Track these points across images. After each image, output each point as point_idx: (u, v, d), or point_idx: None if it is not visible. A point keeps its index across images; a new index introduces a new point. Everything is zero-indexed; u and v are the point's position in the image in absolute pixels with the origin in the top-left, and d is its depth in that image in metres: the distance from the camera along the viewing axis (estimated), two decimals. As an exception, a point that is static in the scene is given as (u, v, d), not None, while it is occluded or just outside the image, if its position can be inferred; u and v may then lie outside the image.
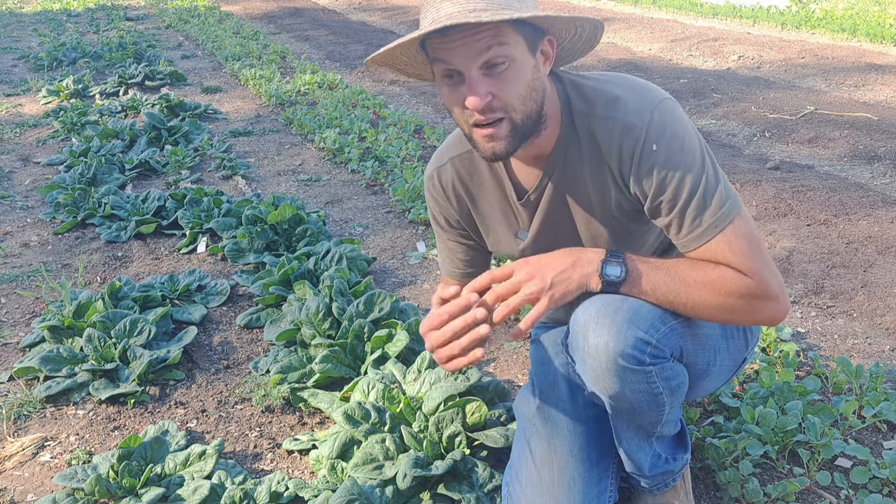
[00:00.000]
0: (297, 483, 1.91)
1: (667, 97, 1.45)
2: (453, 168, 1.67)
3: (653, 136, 1.40)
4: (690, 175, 1.40)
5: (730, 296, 1.42)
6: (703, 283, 1.42)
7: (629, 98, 1.44)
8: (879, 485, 1.88)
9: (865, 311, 2.80)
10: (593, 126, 1.46)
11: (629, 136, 1.42)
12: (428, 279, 3.21)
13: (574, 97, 1.49)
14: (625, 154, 1.43)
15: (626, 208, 1.52)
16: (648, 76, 6.87)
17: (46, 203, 4.21)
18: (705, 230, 1.42)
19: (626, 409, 1.51)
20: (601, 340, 1.41)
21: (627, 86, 1.47)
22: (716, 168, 1.44)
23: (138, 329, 2.63)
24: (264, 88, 6.63)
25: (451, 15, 1.30)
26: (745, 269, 1.41)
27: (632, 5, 11.48)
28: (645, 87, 1.47)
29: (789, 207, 3.72)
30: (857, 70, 6.61)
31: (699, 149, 1.42)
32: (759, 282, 1.42)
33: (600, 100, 1.46)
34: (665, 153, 1.40)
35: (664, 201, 1.43)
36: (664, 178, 1.40)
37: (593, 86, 1.48)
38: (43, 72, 7.97)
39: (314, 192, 4.34)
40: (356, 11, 12.48)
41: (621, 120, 1.43)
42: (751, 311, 1.45)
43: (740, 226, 1.42)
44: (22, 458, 2.19)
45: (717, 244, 1.42)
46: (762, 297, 1.43)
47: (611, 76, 1.51)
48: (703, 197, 1.40)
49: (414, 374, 2.23)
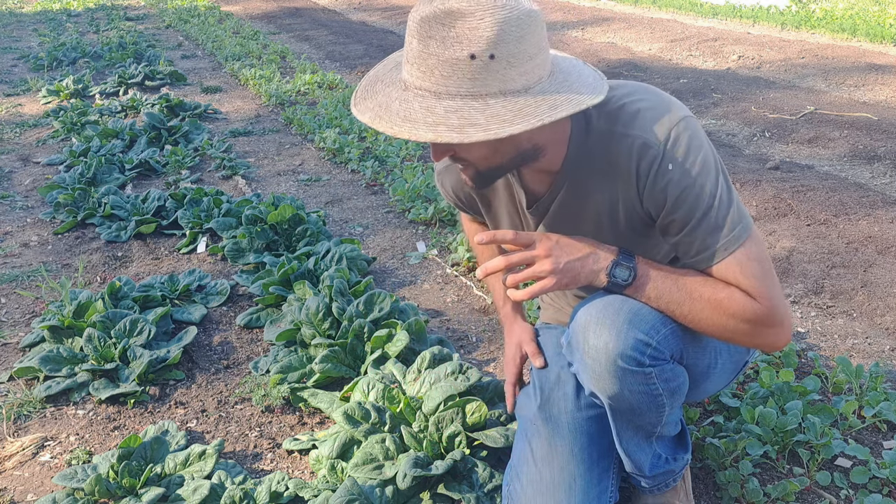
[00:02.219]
0: (297, 483, 1.91)
1: (687, 115, 1.42)
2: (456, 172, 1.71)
3: (670, 154, 1.38)
4: (704, 195, 1.38)
5: (734, 318, 1.41)
6: (710, 301, 1.41)
7: (649, 115, 1.41)
8: (879, 485, 1.88)
9: (865, 311, 2.80)
10: (611, 142, 1.44)
11: (647, 154, 1.40)
12: (428, 279, 3.21)
13: (594, 114, 1.45)
14: (641, 171, 1.41)
15: (637, 224, 1.52)
16: (648, 76, 6.87)
17: (46, 203, 4.21)
18: (716, 251, 1.40)
19: (626, 410, 1.51)
20: (601, 341, 1.41)
21: (648, 100, 1.43)
22: (730, 188, 1.42)
23: (138, 329, 2.63)
24: (264, 88, 6.63)
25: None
26: (754, 292, 1.40)
27: (632, 5, 11.48)
28: (666, 104, 1.43)
29: (789, 207, 3.72)
30: (857, 70, 6.61)
31: (714, 169, 1.40)
32: (768, 307, 1.40)
33: (622, 117, 1.43)
34: (680, 172, 1.38)
35: (676, 220, 1.41)
36: (677, 198, 1.39)
37: (616, 102, 1.44)
38: (43, 72, 7.97)
39: (314, 192, 4.34)
40: (356, 11, 12.48)
41: (640, 137, 1.40)
42: (752, 335, 1.43)
43: (752, 248, 1.40)
44: (22, 458, 2.19)
45: (727, 266, 1.40)
46: (768, 324, 1.42)
47: (632, 88, 1.47)
48: (715, 218, 1.39)
49: (414, 374, 2.22)
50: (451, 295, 3.06)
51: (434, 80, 1.25)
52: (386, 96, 1.31)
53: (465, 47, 1.21)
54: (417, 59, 1.26)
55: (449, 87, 1.24)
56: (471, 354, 2.63)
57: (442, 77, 1.24)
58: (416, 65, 1.26)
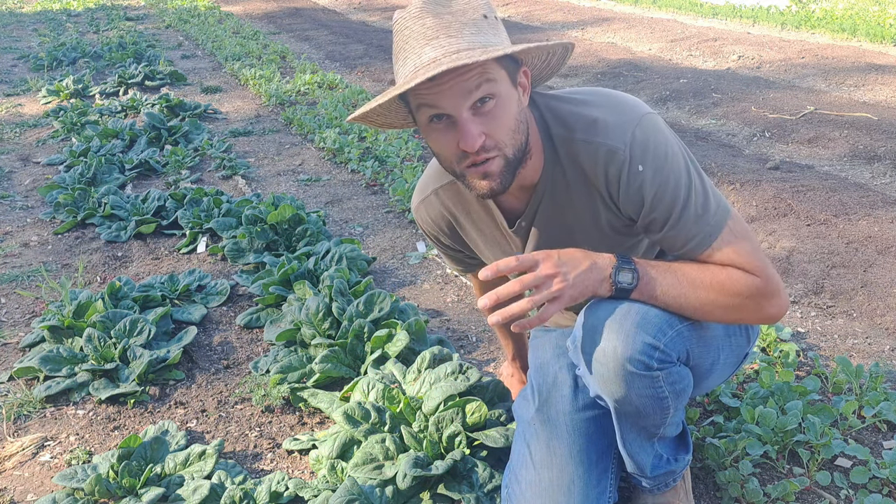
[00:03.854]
0: (297, 483, 1.91)
1: (646, 112, 1.44)
2: (438, 200, 1.70)
3: (637, 156, 1.40)
4: (680, 188, 1.40)
5: (739, 296, 1.43)
6: (712, 285, 1.42)
7: (608, 119, 1.43)
8: (879, 485, 1.88)
9: (865, 311, 2.80)
10: (575, 151, 1.45)
11: (614, 160, 1.41)
12: (428, 279, 3.21)
13: (552, 122, 1.48)
14: (611, 177, 1.43)
15: (618, 226, 1.53)
16: (648, 76, 6.87)
17: (46, 203, 4.21)
18: (703, 239, 1.42)
19: (632, 413, 1.51)
20: (609, 345, 1.41)
21: (604, 104, 1.45)
22: (701, 175, 1.45)
23: (138, 329, 2.63)
24: (264, 88, 6.63)
25: (437, 60, 1.28)
26: (751, 268, 1.43)
27: (632, 5, 11.48)
28: (623, 104, 1.45)
29: (789, 207, 3.72)
30: (857, 70, 6.61)
31: (683, 159, 1.42)
32: (765, 279, 1.43)
33: (579, 124, 1.45)
34: (651, 171, 1.40)
35: (657, 218, 1.43)
36: (654, 196, 1.41)
37: (570, 109, 1.47)
38: (43, 72, 7.97)
39: (314, 192, 4.34)
40: (356, 11, 12.48)
41: (603, 144, 1.42)
42: (758, 309, 1.46)
43: (736, 227, 1.44)
44: (22, 458, 2.19)
45: (718, 250, 1.43)
46: (768, 295, 1.44)
47: (585, 94, 1.50)
48: (695, 207, 1.41)
49: (414, 374, 2.22)
50: (451, 295, 3.06)
51: (467, 40, 1.31)
52: (434, 64, 1.29)
53: (474, 12, 1.33)
54: (441, 29, 1.31)
55: (482, 41, 1.32)
56: (471, 354, 2.63)
57: (472, 35, 1.32)
58: (443, 35, 1.30)
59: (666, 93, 6.25)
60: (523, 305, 1.33)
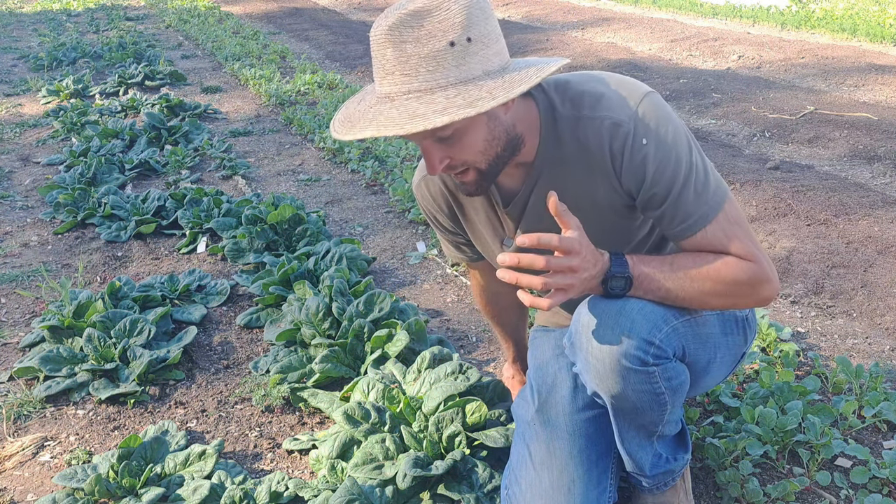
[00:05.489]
0: (297, 483, 1.91)
1: (650, 90, 1.45)
2: (439, 176, 1.69)
3: (641, 130, 1.40)
4: (682, 165, 1.40)
5: (734, 283, 1.43)
6: (707, 275, 1.43)
7: (613, 95, 1.43)
8: (879, 485, 1.88)
9: (865, 311, 2.80)
10: (580, 127, 1.45)
11: (618, 133, 1.41)
12: (428, 279, 3.21)
13: (558, 101, 1.47)
14: (615, 150, 1.43)
15: (617, 205, 1.52)
16: (648, 76, 6.87)
17: (46, 203, 4.21)
18: (699, 218, 1.42)
19: (629, 410, 1.51)
20: (604, 341, 1.41)
21: (610, 82, 1.47)
22: (702, 155, 1.45)
23: (138, 329, 2.63)
24: (264, 88, 6.63)
25: (391, 95, 1.27)
26: (743, 253, 1.43)
27: (632, 5, 11.47)
28: (627, 83, 1.46)
29: (789, 207, 3.72)
30: (856, 70, 6.61)
31: (686, 138, 1.43)
32: (758, 263, 1.44)
33: (585, 101, 1.45)
34: (655, 145, 1.40)
35: (658, 193, 1.43)
36: (656, 170, 1.41)
37: (577, 88, 1.47)
38: (43, 72, 7.97)
39: (314, 192, 4.34)
40: (356, 11, 12.48)
41: (608, 117, 1.42)
42: (752, 294, 1.47)
43: (731, 211, 1.44)
44: (22, 458, 2.19)
45: (712, 232, 1.43)
46: (763, 279, 1.45)
47: (591, 75, 1.50)
48: (695, 185, 1.41)
49: (414, 373, 2.22)
50: (451, 295, 3.06)
51: (421, 79, 1.26)
52: (376, 112, 1.29)
53: (443, 37, 1.25)
54: (397, 65, 1.26)
55: (438, 79, 1.26)
56: (471, 354, 2.63)
57: (428, 72, 1.25)
58: (398, 71, 1.27)
59: (666, 93, 6.25)
60: (535, 281, 1.30)
